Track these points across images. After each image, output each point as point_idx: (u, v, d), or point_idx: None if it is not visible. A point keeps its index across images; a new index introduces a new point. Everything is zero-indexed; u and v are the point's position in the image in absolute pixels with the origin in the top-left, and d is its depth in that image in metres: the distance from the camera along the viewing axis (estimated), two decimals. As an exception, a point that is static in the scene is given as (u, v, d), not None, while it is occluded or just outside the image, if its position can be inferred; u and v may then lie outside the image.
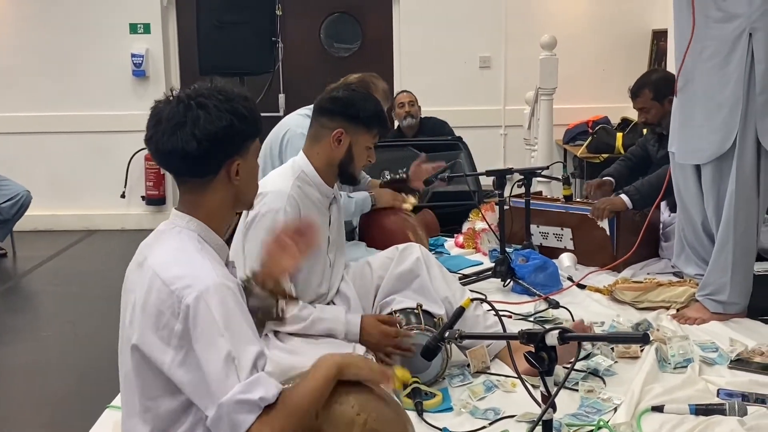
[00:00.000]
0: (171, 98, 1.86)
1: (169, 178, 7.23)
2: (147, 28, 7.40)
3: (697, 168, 3.49)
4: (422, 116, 6.19)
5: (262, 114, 1.98)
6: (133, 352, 1.81)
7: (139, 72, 7.37)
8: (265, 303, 1.99)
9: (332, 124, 2.84)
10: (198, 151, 1.81)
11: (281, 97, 7.37)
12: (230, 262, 1.99)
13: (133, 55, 7.35)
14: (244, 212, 2.80)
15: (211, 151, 1.83)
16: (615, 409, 2.57)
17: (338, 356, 1.87)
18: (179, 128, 1.81)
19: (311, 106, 3.60)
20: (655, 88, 4.14)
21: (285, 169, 2.93)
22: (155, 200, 7.52)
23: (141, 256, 1.89)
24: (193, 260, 1.81)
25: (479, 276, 3.93)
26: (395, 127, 6.24)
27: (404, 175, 4.00)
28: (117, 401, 2.62)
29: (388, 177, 4.00)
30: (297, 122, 3.77)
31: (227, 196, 1.90)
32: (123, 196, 7.51)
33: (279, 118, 4.23)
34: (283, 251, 2.07)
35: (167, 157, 1.86)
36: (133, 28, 7.39)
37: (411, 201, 3.95)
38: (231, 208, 1.95)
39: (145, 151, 6.09)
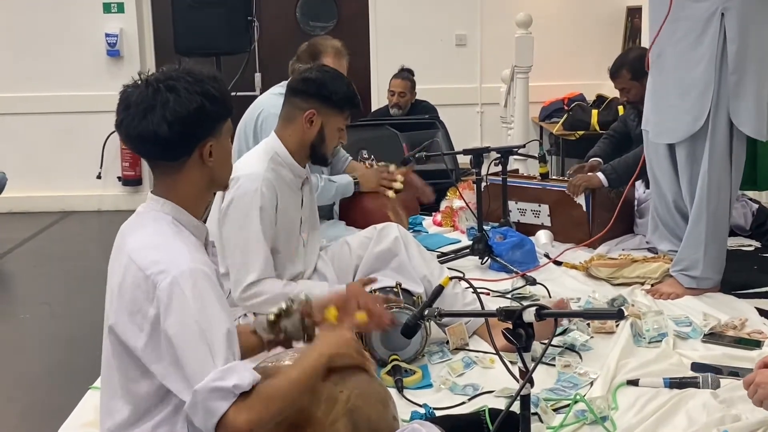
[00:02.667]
0: (139, 82, 1.84)
1: (146, 159, 7.17)
2: (121, 8, 7.30)
3: (670, 147, 3.52)
4: (416, 99, 6.05)
5: (239, 94, 1.98)
6: (110, 334, 1.82)
7: (114, 52, 7.29)
8: (296, 332, 2.07)
9: (304, 105, 2.85)
10: (169, 135, 1.80)
11: (257, 76, 7.32)
12: (210, 241, 1.99)
13: (107, 35, 7.26)
14: (218, 198, 2.81)
15: (183, 134, 1.82)
16: (591, 384, 2.61)
17: (327, 346, 1.89)
18: (149, 112, 1.79)
19: (284, 83, 3.58)
20: (633, 68, 4.16)
21: (258, 151, 2.93)
22: (132, 181, 7.46)
23: (121, 239, 1.88)
24: (169, 245, 1.81)
25: (457, 254, 3.96)
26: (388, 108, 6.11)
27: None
28: (99, 382, 2.62)
29: (366, 155, 3.94)
30: (271, 102, 3.75)
31: (201, 177, 1.89)
32: (99, 177, 7.45)
33: (255, 98, 4.20)
34: (368, 314, 2.17)
35: (138, 141, 1.84)
36: (107, 8, 7.29)
37: (397, 186, 3.88)
38: (206, 189, 1.93)
39: (121, 132, 6.00)
